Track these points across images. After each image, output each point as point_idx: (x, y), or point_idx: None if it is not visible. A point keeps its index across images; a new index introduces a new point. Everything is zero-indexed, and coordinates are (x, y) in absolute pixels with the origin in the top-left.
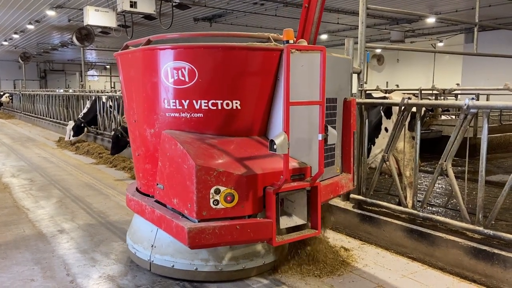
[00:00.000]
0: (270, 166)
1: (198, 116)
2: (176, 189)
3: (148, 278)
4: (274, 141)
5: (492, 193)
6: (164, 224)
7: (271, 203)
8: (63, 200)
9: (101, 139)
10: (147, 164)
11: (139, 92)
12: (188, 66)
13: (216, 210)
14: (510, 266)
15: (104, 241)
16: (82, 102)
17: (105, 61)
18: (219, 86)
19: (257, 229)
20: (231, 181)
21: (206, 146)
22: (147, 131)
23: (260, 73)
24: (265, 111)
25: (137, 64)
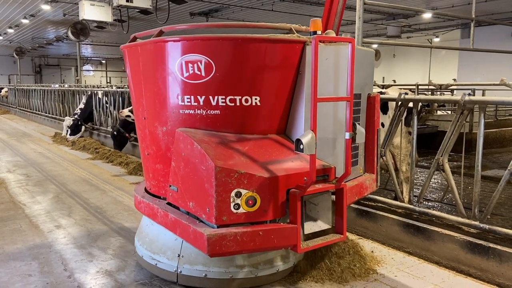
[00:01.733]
0: (293, 167)
1: (214, 113)
2: (193, 192)
3: (146, 273)
4: (301, 140)
5: (487, 187)
6: (180, 229)
7: (296, 207)
8: (60, 195)
9: (97, 134)
10: (158, 164)
11: (150, 88)
12: (204, 59)
13: (237, 215)
14: (506, 260)
15: (101, 236)
16: (78, 97)
17: (100, 56)
18: (238, 81)
19: (281, 235)
20: (253, 184)
21: (224, 145)
22: (158, 129)
23: (282, 67)
24: (285, 108)
25: (148, 57)
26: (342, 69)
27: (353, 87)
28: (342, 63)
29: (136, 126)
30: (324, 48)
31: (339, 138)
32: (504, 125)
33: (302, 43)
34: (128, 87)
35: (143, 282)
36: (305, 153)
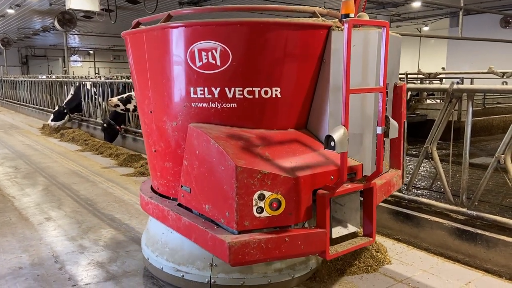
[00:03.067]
0: (319, 166)
1: (231, 106)
2: (209, 194)
3: (137, 264)
4: (332, 137)
5: (475, 175)
6: (195, 234)
7: (324, 209)
8: (49, 187)
9: (86, 126)
10: (167, 162)
11: (157, 79)
12: (220, 46)
13: (260, 219)
14: (493, 246)
15: (92, 228)
16: (66, 89)
17: (88, 46)
18: (257, 70)
19: (308, 241)
20: (278, 185)
21: (244, 142)
22: (167, 124)
23: (304, 54)
24: (307, 100)
25: (155, 45)
26: (371, 56)
27: (386, 76)
28: (372, 50)
29: (141, 120)
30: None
31: (366, 132)
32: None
33: (327, 28)
34: (131, 77)
35: (135, 273)
36: (337, 151)
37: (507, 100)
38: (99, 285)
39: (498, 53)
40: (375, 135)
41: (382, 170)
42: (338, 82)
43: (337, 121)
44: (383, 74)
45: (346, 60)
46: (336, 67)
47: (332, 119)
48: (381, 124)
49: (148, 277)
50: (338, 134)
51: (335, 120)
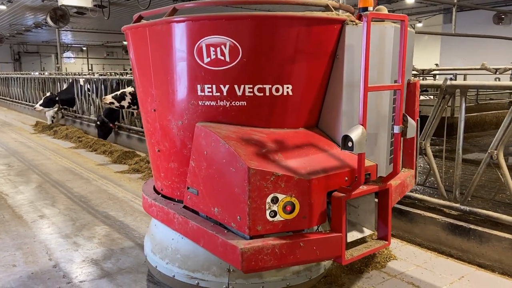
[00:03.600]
0: (333, 167)
1: (240, 104)
2: (218, 196)
3: (132, 261)
4: (349, 137)
5: (468, 170)
6: (204, 239)
7: (340, 212)
8: (43, 185)
9: (80, 122)
10: (171, 162)
11: (162, 76)
12: (229, 41)
13: (273, 223)
14: (486, 240)
15: (86, 225)
16: (59, 85)
17: (81, 42)
18: (268, 66)
19: (324, 246)
20: (292, 187)
21: (255, 143)
22: (172, 123)
23: (318, 50)
24: (318, 98)
25: (159, 40)
26: (387, 52)
27: (404, 73)
28: (388, 46)
29: (143, 119)
30: None
31: (381, 131)
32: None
33: (340, 23)
34: (132, 74)
35: (130, 270)
36: (355, 152)
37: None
38: (94, 283)
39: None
40: (390, 134)
41: (399, 171)
42: (352, 79)
43: (351, 120)
44: (402, 71)
45: (365, 56)
46: (350, 64)
47: (346, 118)
48: (398, 123)
49: (143, 274)
50: (356, 134)
51: (349, 119)
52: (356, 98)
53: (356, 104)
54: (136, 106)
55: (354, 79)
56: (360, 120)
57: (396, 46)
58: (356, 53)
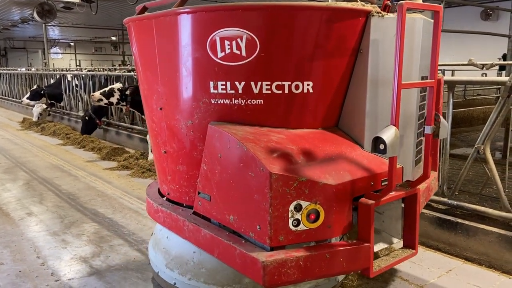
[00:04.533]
0: (358, 170)
1: (257, 103)
2: (235, 203)
3: (121, 258)
4: (381, 138)
5: (456, 165)
6: (219, 250)
7: (369, 220)
8: (30, 182)
9: (68, 119)
10: (180, 165)
11: (170, 72)
12: (246, 34)
13: (296, 233)
14: (473, 234)
15: (75, 222)
16: (46, 81)
17: (69, 38)
18: (287, 61)
19: (351, 257)
20: (316, 193)
21: (275, 144)
22: (181, 122)
23: (341, 43)
24: (340, 95)
25: (167, 32)
26: (416, 46)
27: (437, 68)
28: (417, 39)
29: (147, 118)
30: (393, 21)
31: (407, 132)
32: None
33: (365, 14)
34: (135, 70)
35: (119, 267)
36: (388, 155)
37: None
38: (83, 280)
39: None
40: (416, 134)
41: (429, 175)
42: (377, 76)
43: (375, 119)
44: (434, 66)
45: (399, 51)
46: (375, 59)
47: (370, 118)
48: (430, 123)
49: (133, 271)
50: (389, 135)
51: (373, 119)
52: (381, 96)
53: (381, 102)
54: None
55: (379, 76)
56: (393, 120)
57: (424, 40)
58: (382, 47)
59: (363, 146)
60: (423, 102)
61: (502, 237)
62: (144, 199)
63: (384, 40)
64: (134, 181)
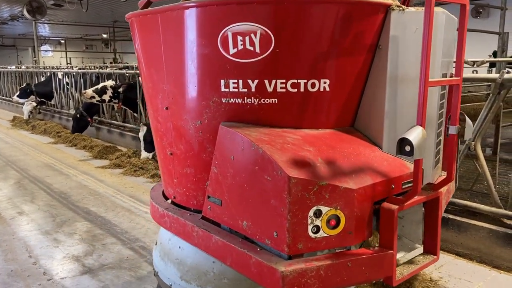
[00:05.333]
0: (378, 173)
1: (270, 102)
2: (249, 208)
3: (114, 256)
4: (408, 140)
5: None
6: (232, 258)
7: (392, 226)
8: (21, 181)
9: (59, 117)
10: (187, 167)
11: (178, 69)
12: (260, 29)
13: (315, 240)
14: (464, 230)
15: (67, 221)
16: (36, 79)
17: (59, 35)
18: (303, 58)
19: (374, 266)
20: (337, 198)
21: (291, 146)
22: (189, 123)
23: (359, 39)
24: (356, 94)
25: (175, 28)
26: (438, 42)
27: (463, 65)
28: (439, 35)
29: (151, 117)
30: (414, 15)
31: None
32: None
33: (385, 8)
34: (138, 68)
35: (112, 266)
36: (415, 158)
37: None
38: (75, 279)
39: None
40: (436, 135)
41: (454, 178)
42: (396, 73)
43: (394, 119)
44: (460, 63)
45: (426, 46)
46: (395, 56)
47: (389, 117)
48: (455, 123)
49: (126, 269)
50: (415, 136)
51: (392, 118)
52: (401, 94)
53: (401, 101)
54: (118, 99)
55: (399, 73)
56: (419, 119)
57: (446, 35)
58: (402, 43)
59: (382, 147)
60: (442, 101)
61: (493, 232)
62: (137, 198)
63: (405, 35)
64: (127, 179)
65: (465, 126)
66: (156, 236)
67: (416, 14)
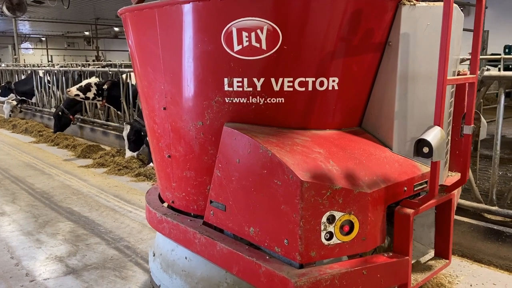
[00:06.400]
0: (390, 175)
1: (277, 101)
2: (256, 214)
3: (98, 256)
4: (427, 141)
5: None
6: (239, 266)
7: (407, 231)
8: (2, 181)
9: (40, 116)
10: (187, 171)
11: (177, 67)
12: (267, 25)
13: (328, 247)
14: None
15: (49, 222)
16: (17, 77)
17: (40, 32)
18: (312, 55)
19: (389, 273)
20: (351, 203)
21: (301, 148)
22: (189, 123)
23: (369, 35)
24: (365, 92)
25: (174, 24)
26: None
27: (478, 63)
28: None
29: (147, 118)
30: (425, 10)
31: None
32: None
33: (395, 2)
34: (132, 66)
35: (96, 266)
36: (434, 159)
37: None
38: (59, 280)
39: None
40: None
41: (467, 179)
42: (406, 71)
43: (405, 118)
44: (476, 60)
45: (445, 42)
46: (405, 53)
47: (399, 116)
48: (470, 122)
49: (110, 270)
50: (434, 137)
51: (403, 117)
52: (411, 93)
53: (411, 100)
54: (101, 97)
55: (409, 71)
56: (437, 119)
57: (457, 31)
58: (413, 39)
59: (392, 148)
60: (451, 99)
61: (474, 227)
62: (121, 197)
63: (416, 31)
64: (110, 178)
65: (480, 125)
66: (141, 235)
67: (428, 9)
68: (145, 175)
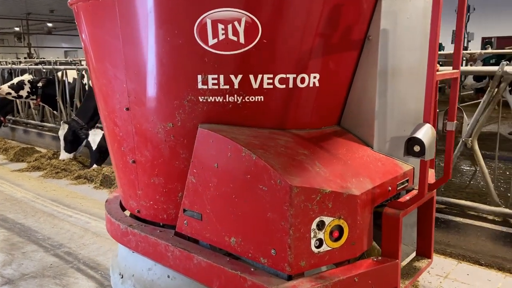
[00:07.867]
0: (375, 175)
1: (256, 100)
2: (238, 223)
3: (36, 265)
4: (418, 139)
5: None
6: (220, 281)
7: (396, 233)
8: None
9: None
10: (155, 177)
11: (142, 63)
12: (245, 17)
13: (318, 255)
14: None
15: None
16: None
17: None
18: (293, 50)
19: (380, 278)
20: (340, 206)
21: (284, 150)
22: (157, 125)
23: (349, 28)
24: (343, 89)
25: (139, 15)
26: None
27: (461, 57)
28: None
29: (106, 119)
30: (405, 3)
31: None
32: None
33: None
34: (86, 63)
35: (34, 275)
36: (426, 158)
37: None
38: None
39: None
40: None
41: (450, 176)
42: (386, 67)
43: (385, 115)
44: (459, 54)
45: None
46: (384, 47)
47: (380, 113)
48: (453, 119)
49: (50, 277)
50: (425, 134)
51: (383, 115)
52: (391, 89)
53: (392, 96)
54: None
55: (389, 66)
56: (426, 116)
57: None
58: (393, 34)
59: (372, 147)
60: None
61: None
62: (60, 201)
63: (397, 25)
64: (48, 182)
65: (462, 122)
66: (83, 240)
67: (408, 2)
68: (85, 177)
